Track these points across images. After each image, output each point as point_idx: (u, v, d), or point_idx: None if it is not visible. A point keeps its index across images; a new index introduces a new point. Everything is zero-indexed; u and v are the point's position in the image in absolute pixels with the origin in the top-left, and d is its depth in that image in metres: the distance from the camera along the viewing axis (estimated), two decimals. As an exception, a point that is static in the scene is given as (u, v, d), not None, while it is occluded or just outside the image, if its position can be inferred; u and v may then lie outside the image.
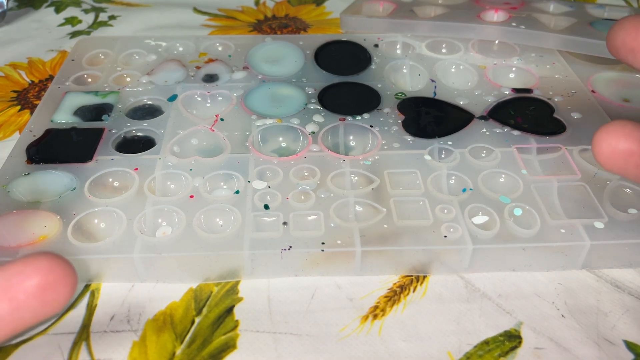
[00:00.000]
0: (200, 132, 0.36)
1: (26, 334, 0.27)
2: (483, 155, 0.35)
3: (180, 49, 0.46)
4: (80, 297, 0.28)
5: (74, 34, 0.52)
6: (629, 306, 0.28)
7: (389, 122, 0.37)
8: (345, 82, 0.41)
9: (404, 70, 0.43)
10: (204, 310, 0.28)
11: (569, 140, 0.36)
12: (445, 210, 0.31)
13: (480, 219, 0.30)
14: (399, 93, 0.40)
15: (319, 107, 0.38)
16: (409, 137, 0.36)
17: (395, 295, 0.29)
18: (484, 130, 0.37)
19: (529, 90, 0.40)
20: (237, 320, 0.27)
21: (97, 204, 0.31)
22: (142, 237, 0.29)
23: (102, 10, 0.57)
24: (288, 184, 0.32)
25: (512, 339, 0.27)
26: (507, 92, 0.40)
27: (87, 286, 0.29)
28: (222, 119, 0.37)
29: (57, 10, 0.56)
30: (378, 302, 0.28)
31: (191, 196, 0.31)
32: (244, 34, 0.52)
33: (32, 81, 0.45)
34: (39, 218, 0.30)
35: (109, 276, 0.29)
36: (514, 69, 0.43)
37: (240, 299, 0.28)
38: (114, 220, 0.30)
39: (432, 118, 0.38)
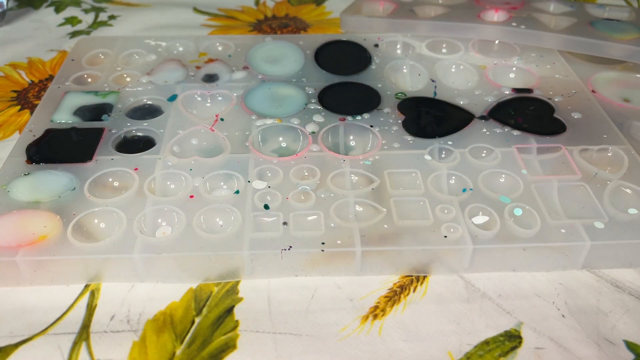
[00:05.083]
0: (200, 132, 0.36)
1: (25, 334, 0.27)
2: (483, 155, 0.35)
3: (180, 48, 0.46)
4: (80, 297, 0.28)
5: (73, 34, 0.52)
6: (629, 306, 0.28)
7: (389, 122, 0.37)
8: (345, 82, 0.41)
9: (404, 70, 0.43)
10: (204, 311, 0.28)
11: (569, 140, 0.36)
12: (446, 210, 0.31)
13: (480, 219, 0.30)
14: (399, 93, 0.40)
15: (319, 107, 0.38)
16: (409, 137, 0.36)
17: (395, 295, 0.29)
18: (484, 130, 0.36)
19: (529, 90, 0.40)
20: (237, 321, 0.27)
21: (97, 204, 0.31)
22: (142, 237, 0.29)
23: (101, 10, 0.57)
24: (288, 184, 0.32)
25: (513, 339, 0.27)
26: (508, 92, 0.40)
27: (87, 286, 0.29)
28: (222, 119, 0.37)
29: (57, 10, 0.56)
30: (378, 302, 0.28)
31: (191, 196, 0.31)
32: (244, 33, 0.52)
33: (32, 81, 0.45)
34: (38, 218, 0.30)
35: (109, 276, 0.29)
36: (514, 68, 0.43)
37: (240, 299, 0.28)
38: (113, 220, 0.30)
39: (432, 118, 0.38)
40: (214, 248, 0.28)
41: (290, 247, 0.29)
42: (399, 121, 0.37)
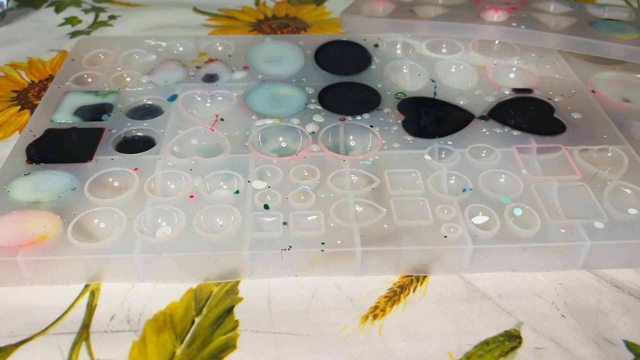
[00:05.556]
0: (200, 132, 0.36)
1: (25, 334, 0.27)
2: (483, 155, 0.35)
3: (180, 49, 0.46)
4: (80, 297, 0.28)
5: (74, 34, 0.52)
6: (629, 306, 0.28)
7: (389, 122, 0.37)
8: (345, 82, 0.41)
9: (404, 70, 0.43)
10: (204, 310, 0.28)
11: (569, 140, 0.36)
12: (445, 210, 0.31)
13: (480, 219, 0.30)
14: (399, 93, 0.40)
15: (319, 107, 0.38)
16: (409, 137, 0.36)
17: (395, 295, 0.29)
18: (484, 130, 0.37)
19: (529, 90, 0.40)
20: (237, 320, 0.27)
21: (97, 204, 0.31)
22: (142, 237, 0.29)
23: (102, 10, 0.57)
24: (288, 184, 0.32)
25: (512, 339, 0.27)
26: (507, 92, 0.40)
27: (87, 286, 0.29)
28: (222, 119, 0.37)
29: (57, 10, 0.56)
30: (378, 302, 0.28)
31: (191, 196, 0.31)
32: (244, 33, 0.52)
33: (32, 81, 0.45)
34: (39, 218, 0.30)
35: (109, 276, 0.29)
36: (514, 69, 0.43)
37: (240, 299, 0.28)
38: (114, 220, 0.30)
39: (432, 118, 0.38)
40: (214, 248, 0.28)
41: (290, 247, 0.29)
42: (399, 121, 0.37)
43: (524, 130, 0.36)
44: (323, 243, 0.29)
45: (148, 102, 0.39)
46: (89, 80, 0.42)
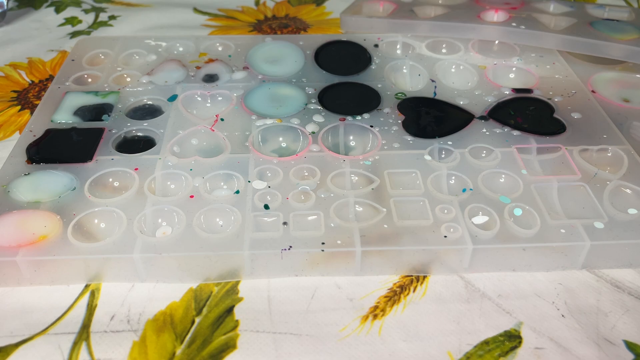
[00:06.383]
0: (200, 132, 0.36)
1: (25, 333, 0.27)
2: (483, 155, 0.35)
3: (180, 49, 0.46)
4: (80, 297, 0.28)
5: (74, 34, 0.52)
6: (629, 306, 0.28)
7: (389, 122, 0.37)
8: (345, 82, 0.41)
9: (404, 70, 0.43)
10: (204, 310, 0.28)
11: (569, 140, 0.36)
12: (445, 210, 0.31)
13: (480, 219, 0.30)
14: (399, 93, 0.40)
15: (319, 107, 0.38)
16: (409, 137, 0.36)
17: (395, 295, 0.29)
18: (484, 130, 0.37)
19: (529, 91, 0.40)
20: (237, 320, 0.27)
21: (97, 204, 0.31)
22: (142, 237, 0.29)
23: (102, 10, 0.57)
24: (288, 184, 0.32)
25: (512, 339, 0.27)
26: (507, 92, 0.40)
27: (87, 286, 0.29)
28: (222, 119, 0.37)
29: (57, 10, 0.56)
30: (378, 302, 0.28)
31: (191, 196, 0.31)
32: (244, 34, 0.52)
33: (32, 81, 0.45)
34: (39, 218, 0.30)
35: (109, 276, 0.29)
36: (514, 69, 0.43)
37: (240, 299, 0.28)
38: (114, 220, 0.30)
39: (432, 118, 0.38)
40: (214, 248, 0.29)
41: (290, 247, 0.29)
42: (399, 121, 0.37)
43: (523, 130, 0.36)
44: (323, 243, 0.29)
45: (148, 102, 0.39)
46: (89, 80, 0.42)
